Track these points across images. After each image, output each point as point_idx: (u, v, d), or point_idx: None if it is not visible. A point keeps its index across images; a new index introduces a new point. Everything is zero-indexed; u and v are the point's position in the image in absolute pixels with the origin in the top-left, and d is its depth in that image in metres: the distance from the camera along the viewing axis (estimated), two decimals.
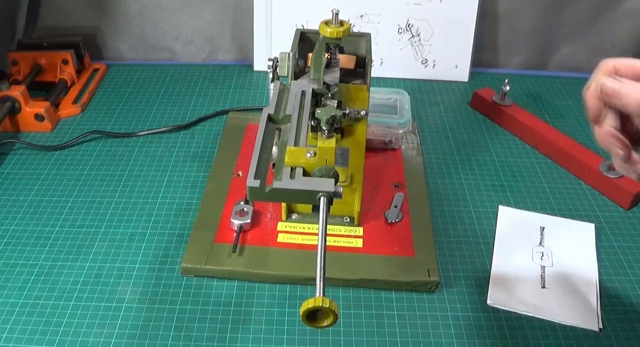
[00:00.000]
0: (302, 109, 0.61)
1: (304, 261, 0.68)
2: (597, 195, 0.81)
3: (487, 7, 1.06)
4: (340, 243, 0.71)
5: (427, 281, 0.66)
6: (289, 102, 0.61)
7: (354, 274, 0.67)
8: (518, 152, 0.89)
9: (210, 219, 0.73)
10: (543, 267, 0.69)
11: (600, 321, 0.63)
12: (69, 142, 0.89)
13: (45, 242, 0.72)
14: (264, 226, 0.73)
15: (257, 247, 0.70)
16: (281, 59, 0.69)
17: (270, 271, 0.67)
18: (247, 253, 0.69)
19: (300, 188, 0.51)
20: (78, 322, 0.62)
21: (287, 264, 0.68)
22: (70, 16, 1.09)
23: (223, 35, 1.11)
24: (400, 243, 0.71)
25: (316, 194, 0.50)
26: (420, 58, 1.07)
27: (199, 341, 0.61)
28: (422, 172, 0.82)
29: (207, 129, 0.93)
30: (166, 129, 0.92)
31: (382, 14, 1.04)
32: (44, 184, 0.81)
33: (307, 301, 0.42)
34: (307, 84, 0.65)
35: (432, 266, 0.67)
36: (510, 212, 0.77)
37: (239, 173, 0.80)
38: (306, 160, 0.52)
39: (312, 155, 0.52)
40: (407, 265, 0.68)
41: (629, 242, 0.74)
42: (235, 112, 0.95)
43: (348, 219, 0.74)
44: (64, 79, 1.01)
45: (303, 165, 0.52)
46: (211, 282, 0.67)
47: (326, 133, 0.54)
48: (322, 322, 0.44)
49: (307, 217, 0.74)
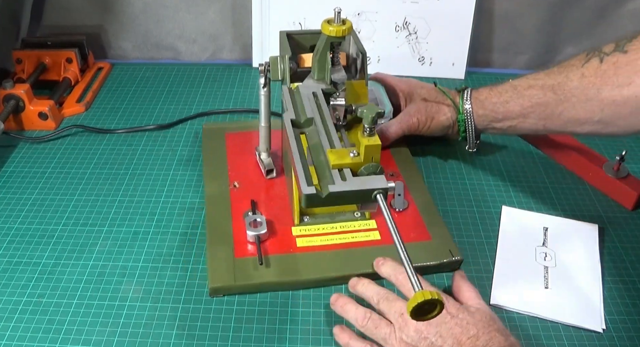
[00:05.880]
0: (321, 110, 0.61)
1: (332, 262, 0.67)
2: (601, 196, 0.81)
3: (489, 7, 1.05)
4: (359, 238, 0.71)
5: (452, 261, 0.68)
6: (306, 106, 0.61)
7: None
8: (521, 152, 0.89)
9: (222, 235, 0.70)
10: (546, 267, 0.69)
11: (604, 322, 0.63)
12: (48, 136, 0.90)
13: (49, 240, 0.72)
14: (278, 233, 0.71)
15: (281, 256, 0.68)
16: (272, 63, 0.69)
17: (303, 277, 0.66)
18: (274, 263, 0.67)
19: (357, 189, 0.51)
20: (81, 320, 0.62)
21: (317, 267, 0.67)
22: (74, 15, 1.09)
23: (227, 34, 1.11)
24: (414, 229, 0.71)
25: (372, 192, 0.51)
26: (417, 56, 1.07)
27: (201, 340, 0.61)
28: (411, 159, 0.83)
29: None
30: (169, 126, 0.93)
31: (379, 12, 1.05)
32: (48, 182, 0.81)
33: (414, 297, 0.43)
34: (315, 85, 0.65)
35: (452, 246, 0.69)
36: (514, 212, 0.77)
37: (235, 184, 0.77)
38: (351, 160, 0.52)
39: (355, 154, 0.53)
40: (428, 249, 0.69)
41: (632, 243, 0.74)
42: (209, 124, 0.91)
43: (359, 214, 0.73)
44: (68, 77, 1.01)
45: (350, 166, 0.52)
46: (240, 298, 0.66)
47: (368, 131, 0.54)
48: (430, 314, 0.45)
49: (319, 218, 0.72)
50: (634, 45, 0.65)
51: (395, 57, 1.07)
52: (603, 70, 0.66)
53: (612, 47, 0.67)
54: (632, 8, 1.03)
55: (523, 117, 0.74)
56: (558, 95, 0.70)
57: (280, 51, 0.71)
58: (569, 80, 0.69)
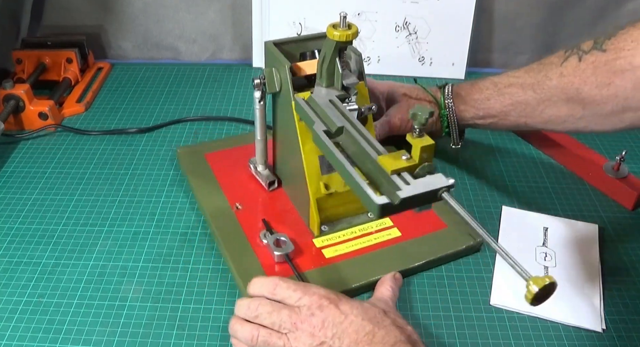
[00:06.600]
0: (347, 117, 0.61)
1: (367, 265, 0.67)
2: (601, 196, 0.81)
3: (489, 7, 1.05)
4: (380, 239, 0.70)
5: (475, 243, 0.70)
6: (330, 115, 0.61)
7: (414, 260, 0.68)
8: (521, 152, 0.89)
9: (248, 263, 0.67)
10: (546, 267, 0.69)
11: (604, 322, 0.63)
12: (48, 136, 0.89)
13: (49, 240, 0.72)
14: (301, 247, 0.69)
15: (316, 270, 0.66)
16: (268, 76, 0.67)
17: (352, 284, 0.65)
18: (312, 279, 0.65)
19: (425, 191, 0.51)
20: (81, 320, 0.62)
21: (360, 273, 0.66)
22: (74, 15, 1.09)
23: (226, 34, 1.11)
24: (428, 220, 0.72)
25: (437, 191, 0.51)
26: (417, 56, 1.08)
27: (201, 340, 0.61)
28: None
29: (210, 127, 0.94)
30: (168, 125, 0.93)
31: (379, 12, 1.05)
32: (48, 182, 0.81)
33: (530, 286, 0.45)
34: (327, 92, 0.64)
35: (469, 230, 0.70)
36: (514, 212, 0.77)
37: (237, 206, 0.74)
38: (407, 163, 0.53)
39: (408, 157, 0.53)
40: (449, 237, 0.70)
41: (632, 243, 0.74)
42: (184, 147, 0.85)
43: (372, 215, 0.72)
44: (68, 77, 1.01)
45: (406, 170, 0.53)
46: None
47: (417, 132, 0.53)
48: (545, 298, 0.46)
49: (337, 226, 0.71)
50: (613, 44, 0.64)
51: (395, 57, 1.07)
52: (582, 70, 0.66)
53: (590, 44, 0.66)
54: (631, 8, 1.03)
55: (504, 114, 0.74)
56: (538, 94, 0.70)
57: (271, 62, 0.68)
58: (548, 79, 0.69)
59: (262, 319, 0.56)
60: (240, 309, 0.57)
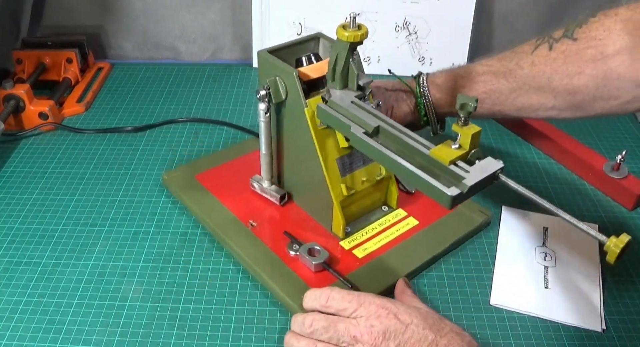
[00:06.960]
0: (378, 116, 0.61)
1: (403, 256, 0.68)
2: (601, 195, 0.81)
3: (489, 7, 1.06)
4: (402, 230, 0.71)
5: (486, 218, 0.74)
6: (361, 116, 0.61)
7: (439, 247, 0.70)
8: (521, 152, 0.89)
9: (287, 279, 0.65)
10: (546, 267, 0.69)
11: (604, 322, 0.63)
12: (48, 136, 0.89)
13: (49, 240, 0.72)
14: (332, 252, 0.67)
15: (354, 273, 0.66)
16: (272, 86, 0.65)
17: (395, 279, 0.65)
18: (355, 281, 0.64)
19: (485, 176, 0.53)
20: (81, 320, 0.63)
21: (398, 266, 0.66)
22: (75, 15, 1.09)
23: (226, 34, 1.11)
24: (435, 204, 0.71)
25: (494, 174, 0.54)
26: (417, 56, 1.08)
27: (201, 340, 0.61)
28: None
29: (210, 128, 0.94)
30: (169, 125, 0.93)
31: (379, 12, 1.05)
32: (48, 182, 0.81)
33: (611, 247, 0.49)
34: (344, 94, 0.64)
35: (476, 206, 0.74)
36: (514, 212, 0.77)
37: (251, 223, 0.72)
38: (459, 152, 0.54)
39: (457, 146, 0.54)
40: (462, 217, 0.73)
41: (632, 243, 0.73)
42: (169, 172, 0.80)
43: (386, 208, 0.73)
44: (68, 77, 1.01)
45: (460, 158, 0.54)
46: None
47: (463, 120, 0.54)
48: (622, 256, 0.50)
49: (357, 224, 0.71)
50: (585, 32, 0.64)
51: (395, 57, 1.07)
52: (552, 59, 0.66)
53: (560, 32, 0.66)
54: None
55: (479, 102, 0.74)
56: (510, 83, 0.70)
57: (270, 71, 0.65)
58: (519, 68, 0.69)
59: (318, 334, 0.55)
60: (295, 326, 0.57)
